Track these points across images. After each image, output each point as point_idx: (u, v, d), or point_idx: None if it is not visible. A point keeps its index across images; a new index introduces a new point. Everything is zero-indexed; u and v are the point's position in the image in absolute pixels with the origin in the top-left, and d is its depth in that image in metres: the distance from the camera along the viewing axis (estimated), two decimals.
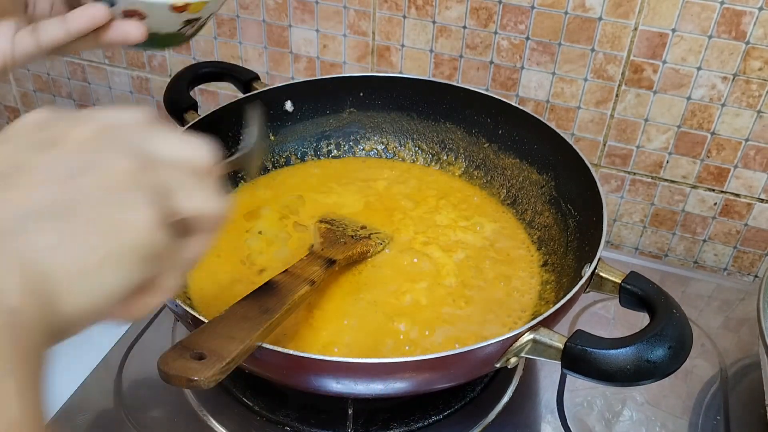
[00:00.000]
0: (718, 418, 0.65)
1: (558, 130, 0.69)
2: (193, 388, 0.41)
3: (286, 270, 0.57)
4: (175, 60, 0.99)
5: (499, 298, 0.64)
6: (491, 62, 0.83)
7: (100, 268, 0.29)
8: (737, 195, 0.82)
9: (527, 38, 0.80)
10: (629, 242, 0.91)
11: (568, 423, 0.63)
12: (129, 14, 0.50)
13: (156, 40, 0.52)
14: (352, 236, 0.67)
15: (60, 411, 0.62)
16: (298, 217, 0.73)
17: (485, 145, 0.78)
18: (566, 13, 0.77)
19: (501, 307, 0.63)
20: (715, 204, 0.83)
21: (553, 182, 0.71)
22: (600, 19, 0.76)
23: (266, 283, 0.54)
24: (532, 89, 0.84)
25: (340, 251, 0.64)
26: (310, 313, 0.61)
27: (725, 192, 0.82)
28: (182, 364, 0.41)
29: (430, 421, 0.62)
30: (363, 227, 0.70)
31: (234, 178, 0.76)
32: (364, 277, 0.65)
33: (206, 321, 0.47)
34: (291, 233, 0.70)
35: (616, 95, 0.80)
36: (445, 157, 0.81)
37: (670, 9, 0.73)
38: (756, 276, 0.87)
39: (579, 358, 0.48)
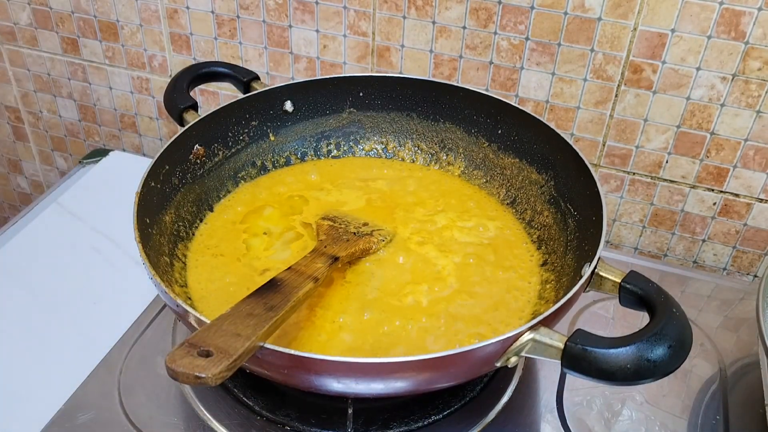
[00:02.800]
0: (718, 417, 0.65)
1: (557, 130, 0.69)
2: (200, 385, 0.41)
3: (289, 267, 0.57)
4: (176, 60, 0.99)
5: (499, 297, 0.64)
6: (491, 62, 0.84)
7: None
8: (736, 195, 0.82)
9: (527, 38, 0.80)
10: (628, 242, 0.91)
11: (568, 422, 0.63)
12: None
13: None
14: (354, 233, 0.67)
15: (60, 411, 0.62)
16: (301, 216, 0.73)
17: (485, 145, 0.78)
18: (566, 13, 0.77)
19: (501, 307, 0.63)
20: (715, 204, 0.84)
21: (552, 182, 0.72)
22: (599, 19, 0.76)
23: (270, 281, 0.54)
24: (532, 89, 0.84)
25: (343, 248, 0.64)
26: (311, 312, 0.61)
27: (724, 192, 0.83)
28: (190, 361, 0.42)
29: (430, 420, 0.62)
30: (365, 224, 0.70)
31: (234, 178, 0.76)
32: (365, 278, 0.65)
33: (207, 321, 0.47)
34: (302, 232, 0.70)
35: (616, 95, 0.80)
36: (444, 157, 0.81)
37: (670, 9, 0.73)
38: (755, 276, 0.87)
39: (579, 357, 0.48)
